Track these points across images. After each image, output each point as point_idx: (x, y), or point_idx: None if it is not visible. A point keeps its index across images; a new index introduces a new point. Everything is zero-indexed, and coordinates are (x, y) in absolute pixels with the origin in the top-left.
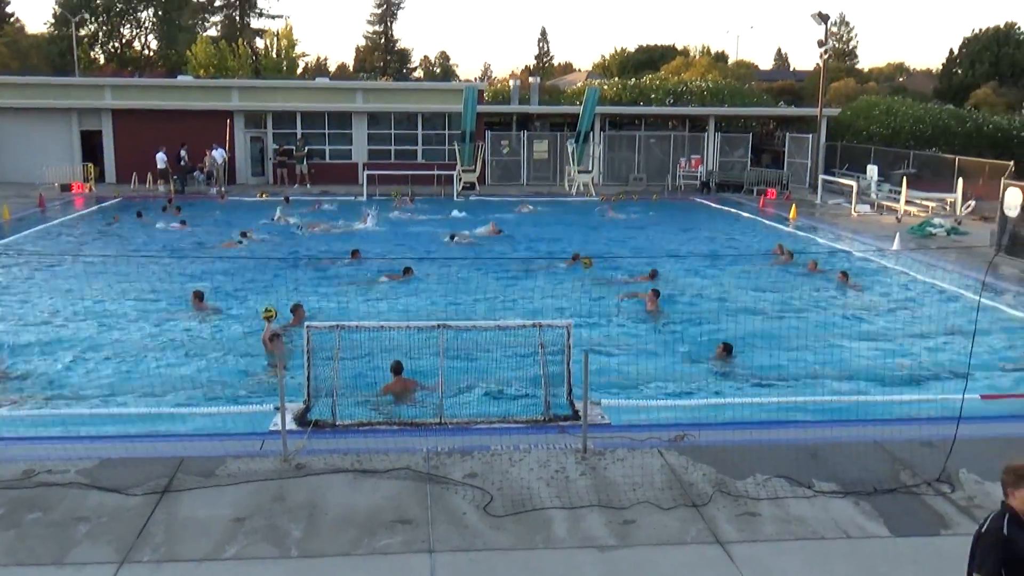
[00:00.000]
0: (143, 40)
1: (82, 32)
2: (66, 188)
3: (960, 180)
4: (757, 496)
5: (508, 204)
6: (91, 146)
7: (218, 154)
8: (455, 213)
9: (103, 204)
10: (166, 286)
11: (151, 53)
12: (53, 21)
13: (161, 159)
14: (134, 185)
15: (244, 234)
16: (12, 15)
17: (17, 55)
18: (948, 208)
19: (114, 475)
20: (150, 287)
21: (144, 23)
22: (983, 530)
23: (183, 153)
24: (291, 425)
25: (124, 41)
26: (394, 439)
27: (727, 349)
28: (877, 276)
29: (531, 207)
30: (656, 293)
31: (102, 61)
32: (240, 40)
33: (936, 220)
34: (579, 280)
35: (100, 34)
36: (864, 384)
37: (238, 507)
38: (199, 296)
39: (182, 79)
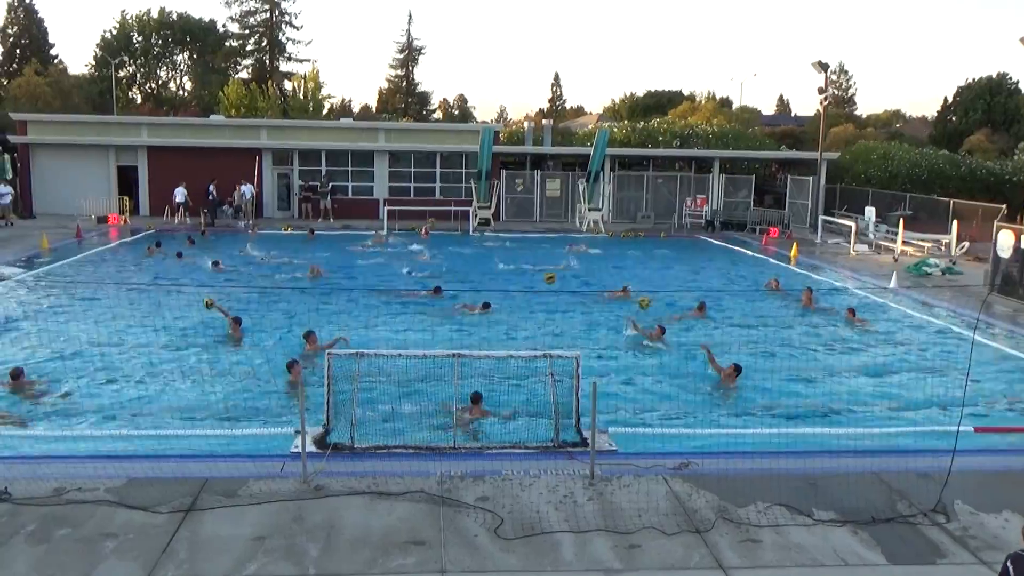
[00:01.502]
0: (178, 81)
1: (121, 73)
2: (102, 220)
3: (955, 222)
4: (759, 523)
5: (525, 239)
6: (127, 180)
7: (247, 189)
8: (413, 247)
9: (137, 235)
10: (196, 314)
11: (185, 94)
12: (94, 63)
13: (180, 193)
14: (166, 217)
15: (216, 263)
16: (56, 57)
17: (59, 94)
18: (943, 248)
19: (141, 493)
20: (180, 314)
21: (179, 65)
22: None
23: (212, 188)
24: (311, 448)
25: (160, 82)
26: (409, 463)
27: (737, 370)
28: (875, 313)
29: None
30: (662, 330)
31: (139, 101)
32: (269, 82)
33: (932, 260)
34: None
35: (138, 75)
36: (863, 416)
37: (259, 526)
38: (237, 321)
39: (214, 119)
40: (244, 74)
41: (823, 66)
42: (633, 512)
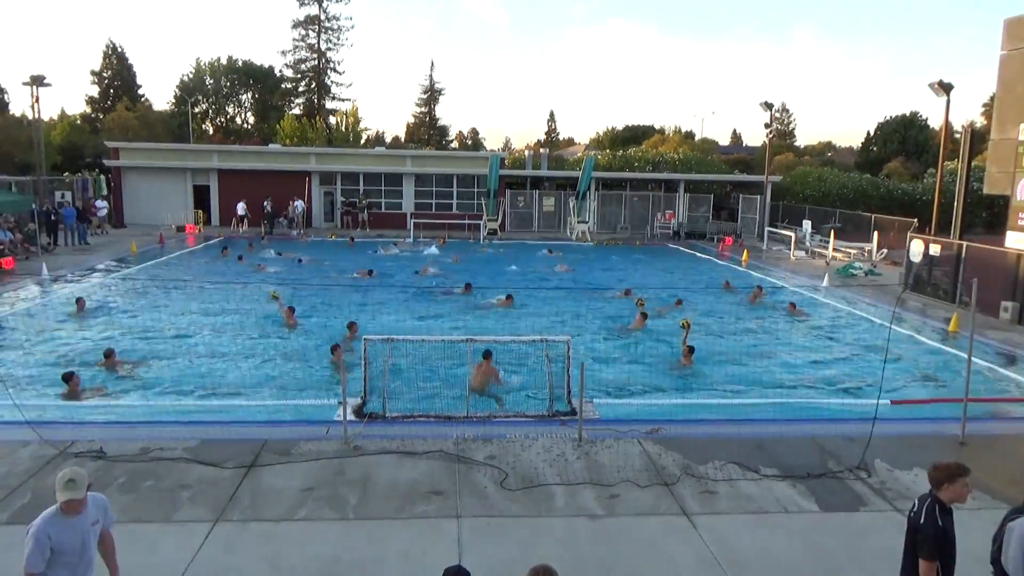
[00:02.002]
0: (243, 116)
1: (196, 109)
2: (180, 229)
3: (876, 233)
4: (715, 478)
5: (529, 247)
6: (201, 197)
7: (299, 204)
8: (431, 249)
9: (209, 241)
10: (258, 305)
11: (249, 126)
12: (174, 100)
13: (241, 207)
14: (233, 227)
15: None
16: (142, 95)
17: (145, 126)
18: (866, 254)
19: (212, 452)
20: (244, 305)
21: (244, 103)
22: (921, 522)
23: (267, 204)
24: (350, 416)
25: (228, 117)
26: (430, 428)
27: (691, 350)
28: (810, 307)
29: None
30: (644, 316)
31: (211, 132)
32: (317, 117)
33: (857, 263)
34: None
35: (210, 111)
36: (801, 390)
37: (308, 479)
38: (291, 311)
39: (272, 147)
40: (297, 110)
41: (768, 105)
42: (613, 468)
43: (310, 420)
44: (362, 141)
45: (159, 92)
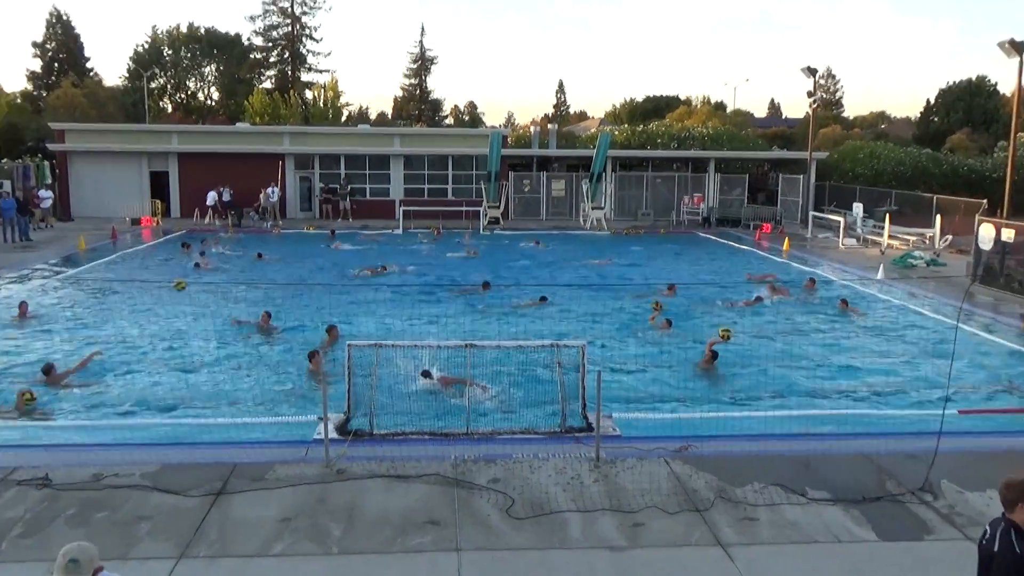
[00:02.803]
0: (206, 92)
1: (152, 85)
2: (136, 222)
3: (938, 216)
4: (755, 503)
5: (528, 237)
6: (159, 185)
7: (272, 192)
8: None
9: (168, 236)
10: (226, 308)
11: (213, 103)
12: (127, 75)
13: (211, 197)
14: (196, 219)
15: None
16: (91, 70)
17: (95, 105)
18: (927, 242)
19: (174, 478)
20: (210, 309)
21: (207, 77)
22: (995, 550)
23: (223, 192)
24: (333, 434)
25: (189, 93)
26: (425, 447)
27: (714, 356)
28: (863, 303)
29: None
30: (669, 323)
31: (170, 110)
32: (292, 91)
33: (917, 252)
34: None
35: (168, 86)
36: (854, 400)
37: (285, 508)
38: (268, 316)
39: (240, 126)
40: (268, 84)
41: (811, 71)
42: (636, 492)
43: (287, 440)
44: (343, 118)
45: (110, 66)
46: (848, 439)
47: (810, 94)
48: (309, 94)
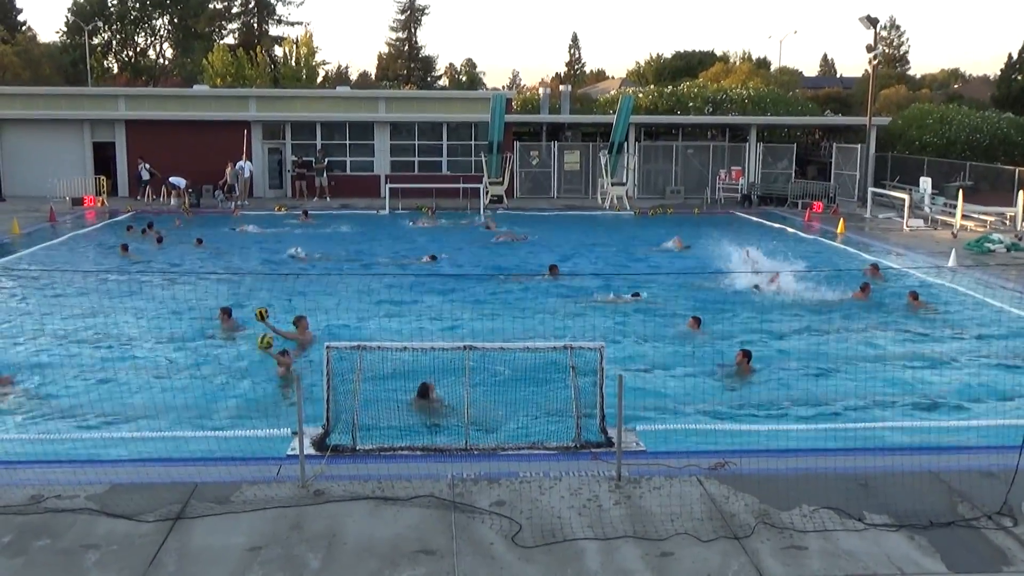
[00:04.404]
0: (158, 49)
1: (95, 41)
2: (78, 202)
3: (1021, 193)
4: (804, 528)
5: (539, 218)
6: (104, 158)
7: (244, 167)
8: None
9: (116, 218)
10: (183, 303)
11: (166, 62)
12: (65, 30)
13: (176, 179)
14: (148, 199)
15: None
16: (24, 24)
17: (29, 65)
18: (1008, 223)
19: (125, 501)
20: (166, 303)
21: (159, 31)
22: None
23: (142, 168)
24: (309, 450)
25: (138, 50)
26: (417, 465)
27: (747, 356)
28: (932, 296)
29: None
30: (697, 321)
31: (115, 70)
32: (258, 48)
33: (995, 235)
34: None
35: (113, 43)
36: (919, 410)
37: (253, 535)
38: (227, 313)
39: (198, 89)
40: (230, 39)
41: (872, 21)
42: (664, 517)
43: (255, 456)
44: (318, 79)
45: (46, 19)
46: (913, 454)
47: (870, 48)
48: (279, 51)
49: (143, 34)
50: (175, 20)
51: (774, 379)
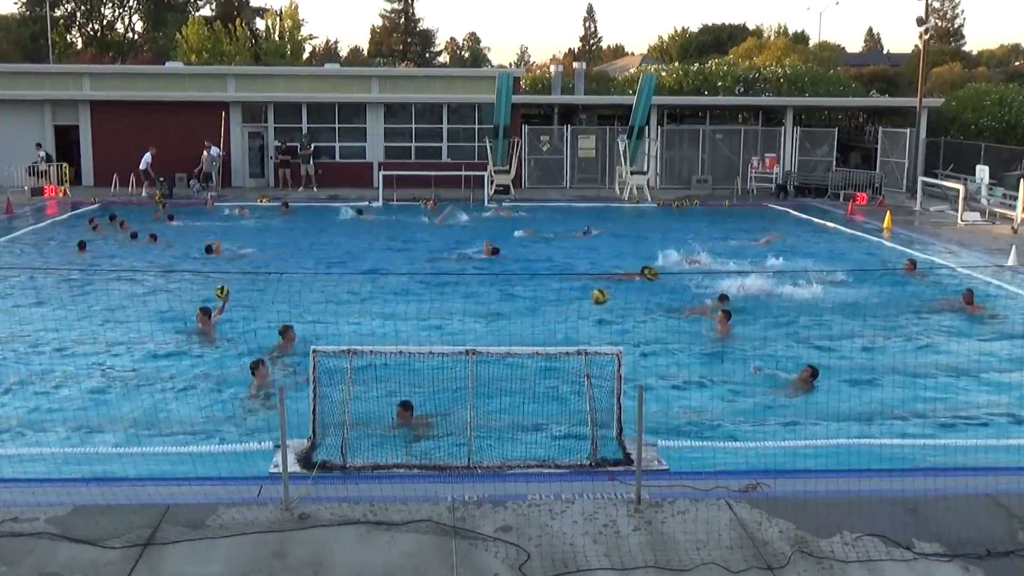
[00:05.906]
0: (126, 22)
1: (57, 13)
2: (37, 192)
3: None
4: (845, 558)
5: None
6: (67, 143)
7: (213, 151)
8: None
9: (80, 210)
10: (156, 306)
11: (136, 36)
12: (25, 1)
13: (146, 159)
14: (115, 188)
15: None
16: None
17: None
18: None
19: (89, 525)
20: (136, 306)
21: (128, 2)
22: None
23: (42, 153)
24: (294, 467)
25: (105, 23)
26: (414, 485)
27: (814, 374)
28: (989, 299)
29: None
30: (727, 314)
31: (80, 46)
32: (237, 21)
33: None
34: (636, 298)
35: (78, 15)
36: (975, 426)
37: (231, 563)
38: (206, 313)
39: (171, 66)
40: (206, 11)
41: None
42: (690, 545)
43: (234, 476)
44: (305, 56)
45: None
46: (968, 475)
47: (920, 21)
48: (260, 24)
49: (110, 5)
50: None
51: (815, 389)
